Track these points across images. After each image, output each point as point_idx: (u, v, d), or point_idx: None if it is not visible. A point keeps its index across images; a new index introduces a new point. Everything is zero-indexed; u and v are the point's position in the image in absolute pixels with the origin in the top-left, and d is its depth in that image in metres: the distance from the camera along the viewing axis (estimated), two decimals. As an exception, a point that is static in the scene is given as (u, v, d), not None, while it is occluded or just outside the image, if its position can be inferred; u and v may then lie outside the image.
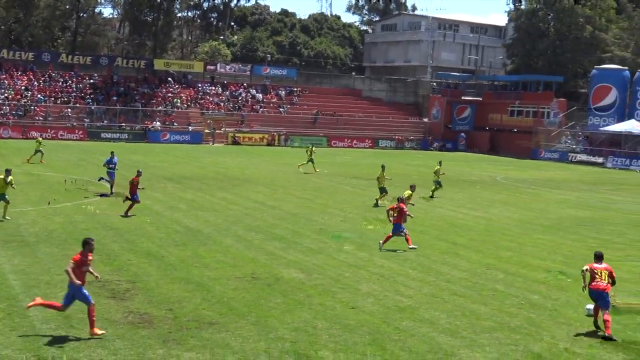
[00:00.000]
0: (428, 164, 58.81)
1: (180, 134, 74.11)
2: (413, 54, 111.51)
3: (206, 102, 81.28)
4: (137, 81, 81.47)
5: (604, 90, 75.69)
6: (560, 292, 18.63)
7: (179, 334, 14.06)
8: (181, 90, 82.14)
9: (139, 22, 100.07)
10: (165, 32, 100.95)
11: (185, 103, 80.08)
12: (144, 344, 13.41)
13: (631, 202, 39.64)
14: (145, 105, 76.73)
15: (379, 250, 22.84)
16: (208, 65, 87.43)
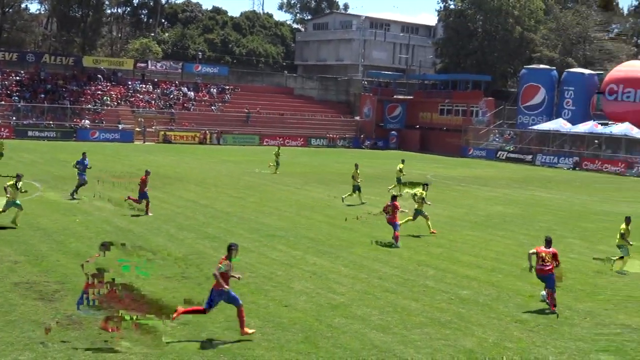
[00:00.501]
0: (360, 162, 59.07)
1: (110, 132, 72.93)
2: (345, 53, 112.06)
3: (137, 100, 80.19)
4: (66, 78, 79.81)
5: (533, 89, 77.30)
6: (491, 287, 18.94)
7: (108, 335, 13.83)
8: (111, 88, 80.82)
9: (67, 18, 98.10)
10: (95, 29, 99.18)
11: (115, 101, 78.82)
12: (73, 346, 13.16)
13: (558, 199, 40.55)
14: (73, 103, 75.21)
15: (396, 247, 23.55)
16: (138, 62, 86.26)
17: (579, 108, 74.83)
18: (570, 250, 24.81)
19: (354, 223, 28.29)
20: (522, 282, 19.51)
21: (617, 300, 18.26)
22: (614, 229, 29.78)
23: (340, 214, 30.47)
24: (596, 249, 25.30)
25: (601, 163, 65.22)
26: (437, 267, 21.04)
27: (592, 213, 35.14)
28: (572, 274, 20.83)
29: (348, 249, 23.00)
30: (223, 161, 54.16)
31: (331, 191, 38.23)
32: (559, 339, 14.89)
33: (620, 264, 21.98)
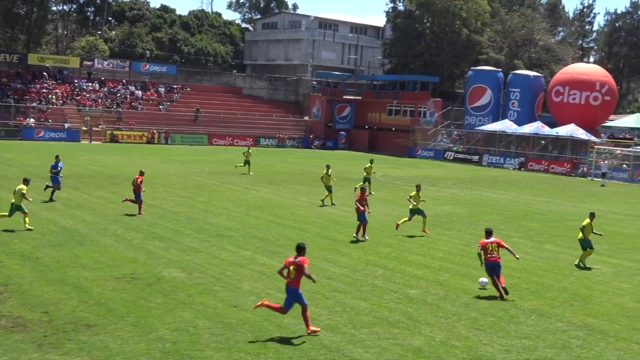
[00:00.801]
0: (309, 162, 59.26)
1: (56, 131, 71.79)
2: (294, 53, 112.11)
3: (83, 98, 79.07)
4: (10, 76, 78.30)
5: (480, 90, 78.25)
6: (439, 286, 19.11)
7: (55, 337, 13.63)
8: (56, 86, 79.57)
9: (11, 14, 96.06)
10: (40, 26, 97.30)
11: (61, 99, 77.62)
12: (17, 349, 12.94)
13: (504, 199, 41.11)
14: (18, 101, 73.85)
15: (355, 241, 24.94)
16: (85, 60, 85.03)
17: (525, 109, 75.96)
18: (516, 249, 25.08)
19: (304, 223, 28.32)
20: (470, 281, 19.74)
21: (563, 298, 18.58)
22: (559, 229, 30.38)
23: (289, 214, 30.49)
24: (542, 248, 25.71)
25: (547, 164, 66.32)
26: (385, 267, 21.16)
27: (537, 213, 35.70)
28: (518, 273, 21.15)
29: (297, 249, 22.99)
30: (171, 161, 53.76)
31: (282, 192, 38.22)
32: (505, 337, 15.09)
33: (586, 254, 22.84)
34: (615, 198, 45.33)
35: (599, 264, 23.17)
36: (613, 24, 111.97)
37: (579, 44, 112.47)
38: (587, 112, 69.75)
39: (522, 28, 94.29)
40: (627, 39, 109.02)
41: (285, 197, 36.24)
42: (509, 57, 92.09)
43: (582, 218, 34.04)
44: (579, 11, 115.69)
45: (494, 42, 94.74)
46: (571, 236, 28.62)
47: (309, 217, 30.12)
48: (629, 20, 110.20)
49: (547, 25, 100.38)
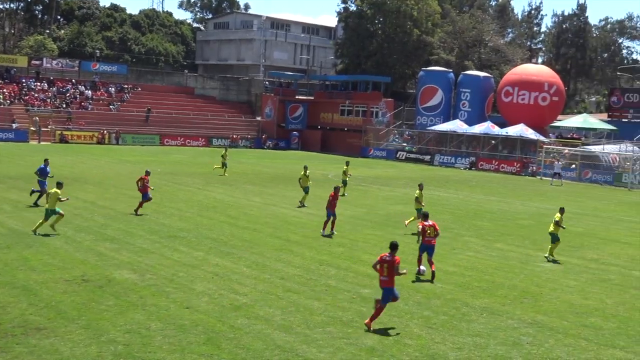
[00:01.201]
0: (262, 162, 59.14)
1: (3, 131, 70.49)
2: (246, 53, 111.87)
3: (31, 98, 77.80)
4: (-45, 75, 76.91)
5: (431, 91, 78.90)
6: (390, 285, 19.20)
7: (3, 341, 13.39)
8: (3, 86, 78.16)
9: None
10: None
11: (8, 99, 76.27)
12: (-36, 354, 12.70)
13: (455, 198, 41.49)
14: (-36, 101, 72.53)
15: (322, 236, 26.05)
16: (33, 60, 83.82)
17: (475, 109, 76.83)
18: (467, 248, 25.43)
19: (257, 223, 28.25)
20: (422, 280, 19.88)
21: (514, 296, 18.82)
22: (510, 227, 30.77)
23: (242, 215, 30.39)
24: (493, 247, 26.00)
25: (497, 163, 67.12)
26: (338, 267, 21.21)
27: (488, 212, 36.11)
28: (469, 272, 21.37)
29: (250, 250, 22.96)
30: (122, 161, 53.20)
31: (234, 192, 38.09)
32: (457, 335, 15.24)
33: (552, 248, 23.94)
34: (564, 197, 46.05)
35: (548, 262, 23.53)
36: (560, 26, 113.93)
37: (528, 45, 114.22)
38: (536, 113, 70.83)
39: (472, 29, 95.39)
40: (573, 41, 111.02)
41: (238, 197, 36.12)
42: (459, 58, 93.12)
43: (531, 216, 34.66)
44: (527, 13, 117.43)
45: (445, 42, 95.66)
46: (521, 235, 29.06)
47: (262, 217, 30.07)
48: (576, 22, 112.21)
49: (497, 26, 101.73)
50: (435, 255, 20.78)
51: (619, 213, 38.82)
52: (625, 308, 18.19)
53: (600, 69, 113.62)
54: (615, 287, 20.50)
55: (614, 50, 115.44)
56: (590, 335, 15.68)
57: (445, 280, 20.13)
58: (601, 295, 19.30)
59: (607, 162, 61.13)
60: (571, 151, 62.44)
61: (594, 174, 59.70)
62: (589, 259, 24.62)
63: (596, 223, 34.23)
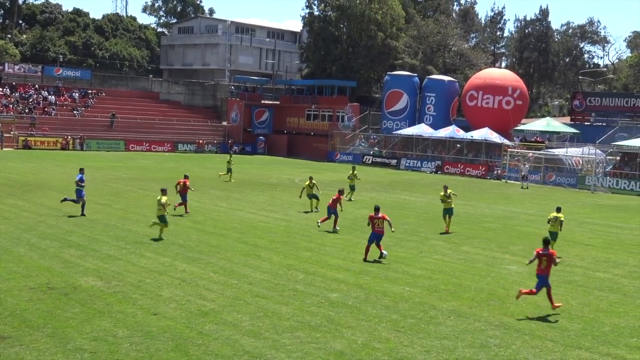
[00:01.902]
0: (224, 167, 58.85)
1: (-35, 137, 69.64)
2: (211, 58, 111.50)
3: (-7, 104, 76.88)
4: None
5: (396, 95, 79.27)
6: (359, 290, 19.24)
7: (-33, 350, 13.20)
8: (-35, 92, 77.21)
9: None
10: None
11: (-30, 105, 75.33)
12: None
13: (422, 202, 41.69)
14: None
15: (317, 224, 28.41)
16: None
17: (440, 113, 77.32)
18: (434, 251, 25.56)
19: (224, 229, 28.16)
20: (390, 284, 19.95)
21: (480, 298, 18.95)
22: (476, 230, 30.99)
23: (209, 220, 30.27)
24: (459, 250, 26.15)
25: (463, 167, 67.61)
26: (306, 271, 21.20)
27: (454, 215, 36.25)
28: (436, 275, 21.48)
29: (218, 255, 22.86)
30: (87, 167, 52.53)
31: (201, 197, 37.91)
32: (425, 337, 15.30)
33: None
34: (528, 200, 46.49)
35: (515, 264, 23.73)
36: (523, 31, 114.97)
37: (491, 49, 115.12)
38: (500, 116, 71.46)
39: (437, 34, 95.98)
40: (536, 45, 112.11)
41: (204, 202, 35.96)
42: (423, 62, 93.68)
43: (496, 219, 34.95)
44: (489, 18, 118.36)
45: (409, 47, 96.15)
46: (487, 238, 29.27)
47: (229, 222, 29.97)
48: (538, 26, 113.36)
49: (461, 31, 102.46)
50: (403, 259, 21.66)
51: (583, 215, 39.27)
52: (590, 309, 18.40)
53: (562, 73, 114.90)
54: (580, 288, 20.74)
55: (575, 54, 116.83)
56: (556, 337, 15.84)
57: (413, 283, 20.22)
58: (566, 297, 19.51)
59: (570, 165, 61.85)
60: (535, 154, 63.05)
61: (557, 177, 60.38)
62: (554, 261, 24.86)
63: (560, 225, 34.56)
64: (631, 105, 75.25)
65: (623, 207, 45.03)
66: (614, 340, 15.83)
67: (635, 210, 43.38)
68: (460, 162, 68.91)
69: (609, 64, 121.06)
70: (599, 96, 79.43)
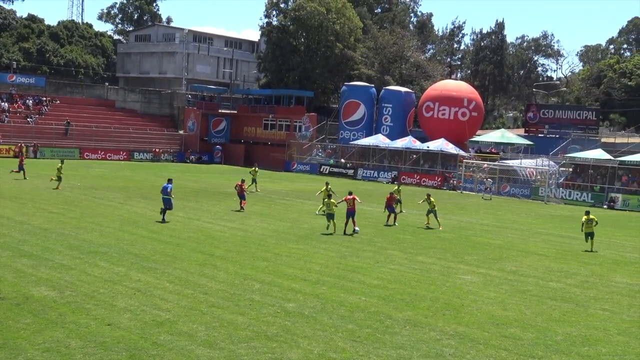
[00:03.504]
0: (185, 176, 58.58)
1: None
2: (168, 66, 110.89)
3: (-56, 110, 75.47)
4: None
5: (353, 105, 79.63)
6: (315, 299, 19.22)
7: None
8: None
9: None
10: None
11: None
12: None
13: (378, 212, 41.79)
14: None
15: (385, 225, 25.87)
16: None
17: (397, 124, 77.87)
18: (390, 261, 25.65)
19: (180, 238, 27.96)
20: (346, 294, 19.96)
21: (436, 308, 19.05)
22: (431, 240, 31.19)
23: (165, 229, 30.04)
24: (415, 260, 26.28)
25: (419, 177, 68.05)
26: (262, 281, 21.14)
27: (410, 225, 36.55)
28: (392, 284, 21.55)
29: (173, 265, 22.68)
30: (40, 175, 51.92)
31: (157, 207, 37.61)
32: (381, 347, 15.33)
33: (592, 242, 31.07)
34: (483, 210, 46.96)
35: (469, 274, 23.93)
36: (479, 43, 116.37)
37: (448, 61, 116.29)
38: (456, 127, 72.20)
39: (394, 45, 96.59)
40: (491, 58, 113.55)
41: (160, 212, 35.65)
42: (380, 73, 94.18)
43: (452, 230, 35.25)
44: (449, 31, 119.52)
45: (367, 57, 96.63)
46: (443, 248, 29.48)
47: (185, 231, 29.77)
48: (494, 39, 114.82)
49: (417, 42, 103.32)
50: (359, 269, 21.91)
51: (536, 226, 39.78)
52: (543, 318, 18.61)
53: (517, 86, 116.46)
54: (534, 298, 20.97)
55: (529, 67, 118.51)
56: (510, 346, 15.98)
57: (369, 293, 20.27)
58: (520, 306, 19.72)
59: (524, 176, 62.66)
60: (490, 165, 63.73)
61: (512, 187, 61.10)
62: (508, 270, 25.13)
63: (514, 235, 34.99)
64: (583, 118, 76.71)
65: (575, 217, 45.61)
66: (567, 349, 16.03)
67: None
68: (416, 172, 69.36)
69: (562, 77, 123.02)
70: (552, 108, 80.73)
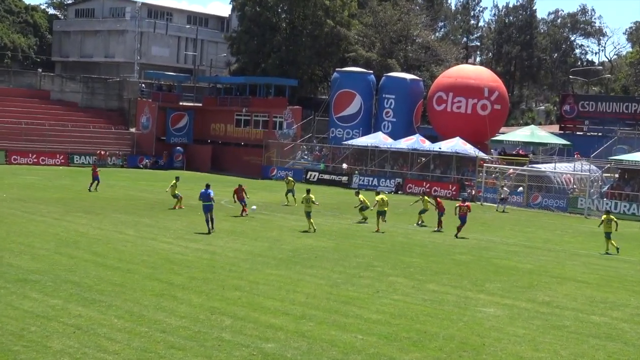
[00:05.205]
0: (137, 185, 58.49)
1: None
2: (116, 48, 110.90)
3: None
4: None
5: (347, 97, 79.47)
6: (301, 338, 19.17)
7: None
8: None
9: None
10: None
11: None
12: None
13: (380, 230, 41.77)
14: None
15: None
16: None
17: (401, 120, 77.88)
18: (394, 290, 25.62)
19: (131, 263, 27.86)
20: (339, 331, 19.90)
21: (450, 348, 19.03)
22: (445, 264, 31.19)
23: (112, 251, 29.94)
24: (425, 288, 26.25)
25: (429, 186, 67.94)
26: (234, 316, 21.07)
27: (418, 245, 36.54)
28: (396, 320, 21.51)
29: (123, 296, 22.59)
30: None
31: (102, 223, 37.50)
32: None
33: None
34: (509, 226, 47.00)
35: (492, 305, 23.92)
36: (502, 20, 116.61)
37: (464, 42, 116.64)
38: (475, 124, 72.22)
39: (397, 21, 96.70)
40: (518, 38, 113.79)
41: (106, 229, 35.58)
42: (381, 56, 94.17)
43: (470, 250, 35.27)
44: (462, 3, 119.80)
45: (364, 37, 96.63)
46: (458, 273, 29.47)
47: (138, 254, 29.67)
48: (521, 15, 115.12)
49: (427, 19, 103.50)
50: (355, 300, 21.84)
51: (575, 246, 39.86)
52: (584, 361, 18.63)
53: (549, 72, 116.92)
54: (571, 335, 20.97)
55: (565, 49, 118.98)
56: (543, 396, 15.98)
57: (367, 330, 20.22)
58: (555, 346, 19.72)
59: (559, 184, 62.68)
60: (517, 171, 63.77)
61: (544, 198, 61.16)
62: (540, 301, 25.13)
63: (548, 258, 35.01)
64: (632, 112, 76.64)
65: (623, 235, 45.78)
66: (613, 399, 16.04)
67: (638, 240, 44.17)
68: (425, 179, 69.40)
69: (605, 61, 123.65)
70: (593, 100, 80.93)
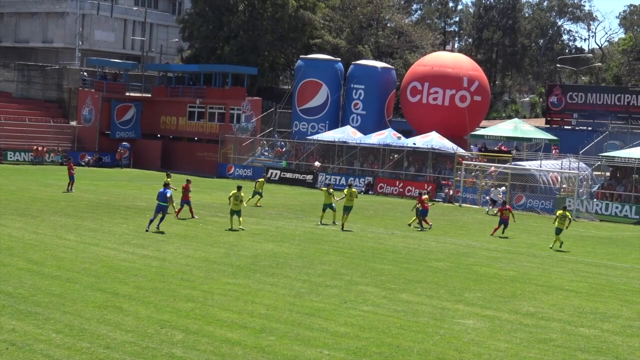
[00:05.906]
0: (79, 185, 58.14)
1: None
2: (55, 32, 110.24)
3: None
4: None
5: (312, 87, 79.50)
6: (260, 354, 19.14)
7: None
8: None
9: None
10: None
11: None
12: None
13: (345, 233, 41.75)
14: None
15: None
16: None
17: (372, 112, 78.04)
18: (363, 300, 25.62)
19: (71, 271, 27.69)
20: (302, 346, 19.88)
21: (424, 365, 19.08)
22: (419, 272, 31.27)
23: (51, 259, 29.74)
24: (397, 298, 26.27)
25: (402, 185, 68.10)
26: (187, 330, 21.00)
27: (390, 251, 36.56)
28: (365, 333, 21.51)
29: (62, 308, 22.45)
30: None
31: (39, 227, 37.24)
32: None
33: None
34: (489, 230, 47.17)
35: (471, 317, 23.99)
36: (482, 3, 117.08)
37: (441, 26, 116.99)
38: (453, 117, 72.52)
39: (367, 4, 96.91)
40: (500, 22, 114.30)
41: (44, 234, 35.33)
42: (350, 42, 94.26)
43: (447, 257, 35.42)
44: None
45: (331, 21, 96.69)
46: (435, 282, 29.54)
47: (79, 261, 29.50)
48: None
49: (400, 1, 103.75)
50: (320, 312, 21.84)
51: (562, 251, 40.06)
52: (572, 378, 18.75)
53: (535, 60, 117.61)
54: (558, 349, 21.08)
55: (552, 35, 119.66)
56: (527, 416, 16.06)
57: (334, 345, 20.21)
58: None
59: (545, 184, 63.01)
60: (499, 169, 64.07)
61: (529, 198, 61.47)
62: (524, 312, 25.25)
63: (533, 264, 35.18)
64: (624, 104, 77.12)
65: (615, 239, 46.18)
66: (604, 419, 16.14)
67: (631, 244, 44.49)
68: (398, 178, 69.58)
69: (595, 49, 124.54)
70: (582, 91, 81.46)
